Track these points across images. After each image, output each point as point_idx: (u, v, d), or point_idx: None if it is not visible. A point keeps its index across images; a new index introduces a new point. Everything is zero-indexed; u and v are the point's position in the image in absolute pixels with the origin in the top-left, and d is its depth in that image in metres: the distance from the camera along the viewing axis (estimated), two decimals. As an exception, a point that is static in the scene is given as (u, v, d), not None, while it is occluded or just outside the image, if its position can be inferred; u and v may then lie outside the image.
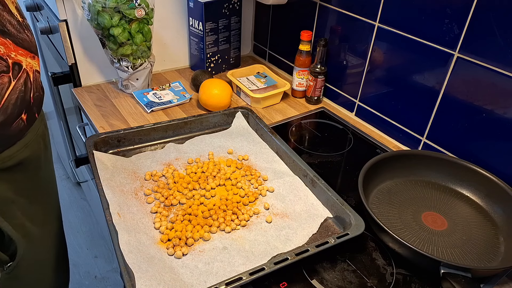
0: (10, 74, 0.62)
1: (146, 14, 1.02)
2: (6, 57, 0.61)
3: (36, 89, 0.70)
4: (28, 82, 0.67)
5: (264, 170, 0.88)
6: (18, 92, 0.64)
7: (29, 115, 0.68)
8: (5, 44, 0.61)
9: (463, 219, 0.78)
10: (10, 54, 0.62)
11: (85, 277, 1.64)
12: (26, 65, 0.66)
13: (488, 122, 0.81)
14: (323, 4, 1.10)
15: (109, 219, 0.69)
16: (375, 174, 0.82)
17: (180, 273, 0.64)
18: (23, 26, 0.67)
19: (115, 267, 1.69)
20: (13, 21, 0.64)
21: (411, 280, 0.68)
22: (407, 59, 0.93)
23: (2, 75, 0.61)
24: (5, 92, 0.61)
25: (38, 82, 0.71)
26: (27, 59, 0.66)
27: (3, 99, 0.61)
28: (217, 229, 0.73)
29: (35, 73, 0.69)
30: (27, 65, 0.66)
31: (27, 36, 0.67)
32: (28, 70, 0.66)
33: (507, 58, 0.75)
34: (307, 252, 0.65)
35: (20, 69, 0.64)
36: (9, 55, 0.62)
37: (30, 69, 0.67)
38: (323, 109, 1.14)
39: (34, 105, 0.70)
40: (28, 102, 0.67)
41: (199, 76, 1.16)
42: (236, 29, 1.27)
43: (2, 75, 0.61)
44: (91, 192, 1.68)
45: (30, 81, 0.67)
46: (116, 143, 0.90)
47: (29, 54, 0.67)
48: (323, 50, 1.08)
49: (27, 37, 0.67)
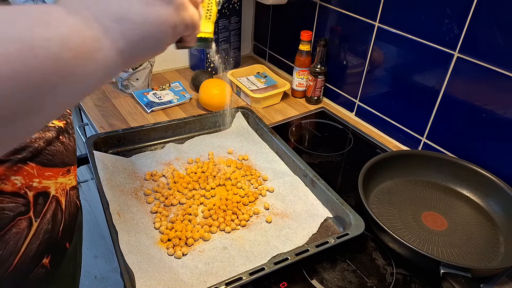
0: (31, 214, 0.47)
1: (146, 14, 1.02)
2: (25, 190, 0.46)
3: (69, 215, 0.54)
4: (59, 212, 0.51)
5: (264, 170, 0.88)
6: (42, 235, 0.48)
7: (54, 255, 0.51)
8: (25, 172, 0.46)
9: (463, 219, 0.78)
10: (32, 183, 0.47)
11: (85, 277, 1.64)
12: (56, 189, 0.51)
13: (488, 122, 0.81)
14: (323, 4, 1.10)
15: (109, 219, 0.68)
16: (375, 174, 0.82)
17: (180, 273, 0.64)
18: (59, 132, 0.52)
19: (115, 267, 1.69)
20: (49, 134, 0.50)
21: (411, 280, 0.68)
22: (407, 59, 0.93)
23: (19, 219, 0.45)
24: (21, 246, 0.46)
25: (74, 198, 0.56)
26: (57, 180, 0.51)
27: (18, 255, 0.45)
28: (217, 229, 0.73)
29: (69, 192, 0.54)
30: (58, 189, 0.51)
31: (62, 143, 0.52)
32: (58, 195, 0.51)
33: (507, 58, 0.75)
34: (307, 252, 0.65)
35: (47, 199, 0.49)
36: (29, 186, 0.46)
37: (62, 192, 0.52)
38: (323, 109, 1.14)
39: (64, 238, 0.53)
40: (56, 239, 0.51)
41: (199, 76, 1.16)
42: (236, 29, 1.27)
43: (19, 220, 0.45)
44: (91, 192, 1.68)
45: (62, 210, 0.52)
46: (116, 143, 0.90)
47: (61, 170, 0.52)
48: (323, 50, 1.08)
49: (60, 147, 0.52)
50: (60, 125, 0.54)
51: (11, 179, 0.44)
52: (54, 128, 0.52)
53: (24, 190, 0.46)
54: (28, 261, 0.47)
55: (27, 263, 0.47)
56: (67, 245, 0.55)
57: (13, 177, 0.44)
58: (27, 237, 0.46)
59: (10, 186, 0.44)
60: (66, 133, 0.55)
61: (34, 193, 0.47)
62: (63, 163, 0.53)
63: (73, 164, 0.55)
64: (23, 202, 0.45)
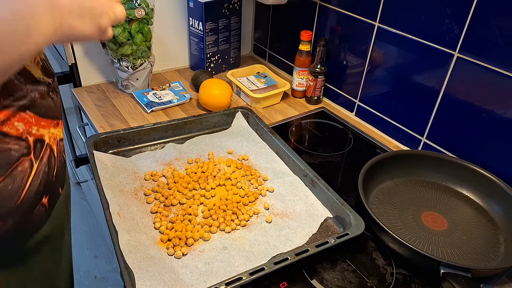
0: (32, 156, 0.54)
1: (146, 14, 1.02)
2: (26, 135, 0.53)
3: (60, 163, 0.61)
4: (52, 158, 0.58)
5: (264, 170, 0.88)
6: (41, 176, 0.56)
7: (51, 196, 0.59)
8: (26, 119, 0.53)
9: (463, 219, 0.78)
10: (31, 130, 0.54)
11: (85, 277, 1.64)
12: (49, 137, 0.58)
13: (488, 122, 0.81)
14: (323, 4, 1.10)
15: (109, 219, 0.68)
16: (375, 174, 0.82)
17: (180, 273, 0.64)
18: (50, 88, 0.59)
19: (115, 267, 1.69)
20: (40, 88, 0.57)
21: (411, 280, 0.68)
22: (407, 59, 0.93)
23: (22, 159, 0.52)
24: (26, 182, 0.53)
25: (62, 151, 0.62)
26: (50, 130, 0.58)
27: (24, 190, 0.53)
28: (217, 229, 0.73)
29: (59, 143, 0.61)
30: (50, 137, 0.58)
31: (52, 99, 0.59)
32: (51, 144, 0.58)
33: (507, 58, 0.75)
34: (307, 252, 0.65)
35: (43, 145, 0.56)
36: (29, 132, 0.53)
37: (53, 141, 0.59)
38: (323, 109, 1.14)
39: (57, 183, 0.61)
40: (51, 183, 0.59)
41: (199, 76, 1.16)
42: (236, 29, 1.27)
43: (22, 160, 0.52)
44: (91, 192, 1.68)
45: (54, 157, 0.59)
46: (116, 143, 0.90)
47: (53, 122, 0.59)
48: (323, 50, 1.08)
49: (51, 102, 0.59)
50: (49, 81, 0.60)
51: (14, 125, 0.51)
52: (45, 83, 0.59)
53: (26, 136, 0.53)
54: (32, 197, 0.54)
55: (31, 198, 0.54)
56: (60, 190, 0.63)
57: (16, 123, 0.51)
58: (30, 175, 0.53)
59: (15, 131, 0.51)
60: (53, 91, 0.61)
61: (33, 139, 0.54)
62: (53, 116, 0.60)
63: (60, 119, 0.62)
64: (25, 145, 0.52)
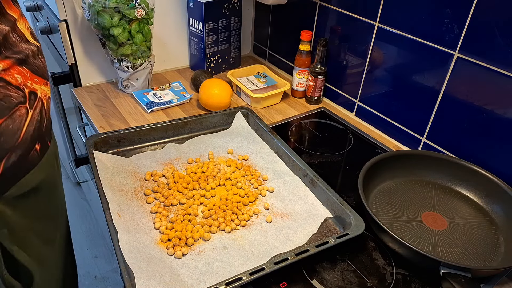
0: (27, 105, 0.60)
1: (146, 14, 1.02)
2: (23, 86, 0.60)
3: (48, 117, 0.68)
4: (43, 111, 0.65)
5: (264, 170, 0.88)
6: (35, 123, 0.62)
7: (42, 144, 0.66)
8: (22, 73, 0.60)
9: (463, 219, 0.78)
10: (27, 83, 0.61)
11: (85, 277, 1.64)
12: (41, 93, 0.64)
13: (488, 122, 0.81)
14: (323, 4, 1.10)
15: (109, 219, 0.69)
16: (375, 174, 0.82)
17: (180, 273, 0.64)
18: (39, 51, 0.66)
19: (115, 267, 1.69)
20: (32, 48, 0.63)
21: (411, 280, 0.68)
22: (407, 59, 0.93)
23: (20, 106, 0.59)
24: (23, 124, 0.59)
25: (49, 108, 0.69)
26: (41, 86, 0.65)
27: (23, 131, 0.59)
28: (217, 229, 0.73)
29: (48, 100, 0.68)
30: (42, 93, 0.65)
31: (41, 62, 0.66)
32: (42, 98, 0.65)
33: (507, 58, 0.75)
34: (307, 252, 0.65)
35: (36, 98, 0.63)
36: (25, 85, 0.60)
37: (44, 96, 0.65)
38: (323, 109, 1.14)
39: (46, 134, 0.68)
40: (42, 132, 0.65)
41: (199, 76, 1.16)
42: (236, 29, 1.27)
43: (20, 106, 0.59)
44: (91, 192, 1.68)
45: (45, 110, 0.66)
46: (116, 143, 0.90)
47: (43, 80, 0.66)
48: (323, 50, 1.08)
49: (41, 63, 0.66)
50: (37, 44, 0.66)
51: (14, 76, 0.58)
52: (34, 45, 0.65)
53: (22, 87, 0.60)
54: (28, 140, 0.61)
55: (28, 141, 0.61)
56: (48, 142, 0.69)
57: (16, 75, 0.59)
58: (26, 120, 0.60)
59: (15, 81, 0.58)
60: (41, 54, 0.67)
61: (28, 91, 0.61)
62: (43, 76, 0.66)
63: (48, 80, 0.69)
64: (22, 94, 0.60)
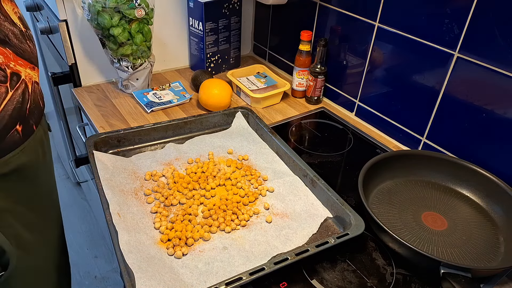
0: (8, 84, 0.61)
1: (146, 14, 1.02)
2: (5, 67, 0.61)
3: (33, 101, 0.68)
4: (26, 93, 0.66)
5: (264, 170, 0.88)
6: (15, 103, 0.63)
7: (25, 127, 0.66)
8: (5, 54, 0.61)
9: (463, 219, 0.78)
10: (9, 64, 0.62)
11: (85, 277, 1.64)
12: (25, 76, 0.65)
13: (488, 122, 0.81)
14: (323, 4, 1.10)
15: (109, 219, 0.69)
16: (375, 174, 0.82)
17: (180, 273, 0.64)
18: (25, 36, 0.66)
19: (115, 267, 1.69)
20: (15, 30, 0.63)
21: (411, 280, 0.68)
22: (407, 59, 0.93)
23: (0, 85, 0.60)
24: (1, 102, 0.60)
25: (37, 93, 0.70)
26: (26, 69, 0.65)
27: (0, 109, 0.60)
28: (217, 229, 0.73)
29: (34, 84, 0.68)
30: (26, 76, 0.65)
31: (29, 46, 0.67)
32: (27, 81, 0.66)
33: (507, 58, 0.75)
34: (307, 252, 0.65)
35: (19, 79, 0.63)
36: (7, 65, 0.61)
37: (29, 80, 0.66)
38: (323, 109, 1.14)
39: (31, 117, 0.68)
40: (24, 114, 0.66)
41: (199, 76, 1.16)
42: (236, 29, 1.27)
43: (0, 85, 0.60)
44: (91, 192, 1.68)
45: (28, 92, 0.66)
46: (116, 143, 0.90)
47: (29, 65, 0.66)
48: (323, 50, 1.08)
49: (28, 48, 0.66)
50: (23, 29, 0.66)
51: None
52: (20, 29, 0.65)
53: (4, 67, 0.60)
54: (6, 118, 0.61)
55: (5, 119, 0.61)
56: (33, 126, 0.69)
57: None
58: (4, 99, 0.60)
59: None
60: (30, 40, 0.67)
61: (10, 71, 0.61)
62: (30, 60, 0.66)
63: (37, 66, 0.69)
64: (3, 74, 0.60)
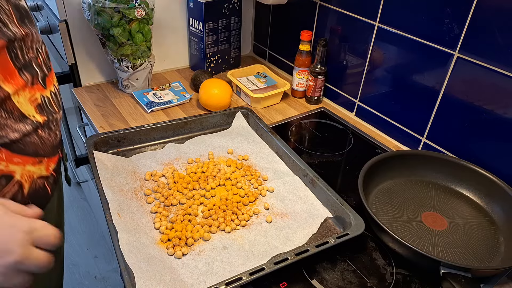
0: None
1: (146, 14, 1.02)
2: None
3: (32, 199, 0.58)
4: (19, 195, 0.56)
5: (264, 170, 0.88)
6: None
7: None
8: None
9: (463, 219, 0.78)
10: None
11: (85, 277, 1.64)
12: (22, 175, 0.56)
13: (488, 122, 0.81)
14: (323, 4, 1.10)
15: (109, 219, 0.68)
16: (375, 174, 0.82)
17: (180, 273, 0.64)
18: (39, 127, 0.57)
19: (115, 267, 1.69)
20: (23, 127, 0.55)
21: (411, 280, 0.68)
22: (407, 59, 0.93)
23: None
24: None
25: (39, 187, 0.59)
26: (26, 167, 0.56)
27: None
28: (217, 229, 0.73)
29: (37, 180, 0.58)
30: (23, 175, 0.56)
31: (40, 137, 0.57)
32: (23, 181, 0.56)
33: (507, 58, 0.75)
34: (307, 252, 0.65)
35: (8, 181, 0.54)
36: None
37: (27, 178, 0.57)
38: (323, 109, 1.14)
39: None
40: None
41: (199, 76, 1.16)
42: (236, 29, 1.27)
43: None
44: (91, 192, 1.68)
45: (23, 193, 0.56)
46: (116, 143, 0.90)
47: (33, 159, 0.57)
48: (323, 50, 1.08)
49: (37, 139, 0.57)
50: (39, 120, 0.57)
51: None
52: (32, 122, 0.56)
53: None
54: None
55: None
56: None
57: None
58: None
59: None
60: (46, 128, 0.59)
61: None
62: (36, 153, 0.57)
63: (47, 156, 0.58)
64: None
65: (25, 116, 0.56)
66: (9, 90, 0.53)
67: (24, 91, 0.55)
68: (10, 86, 0.53)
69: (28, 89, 0.56)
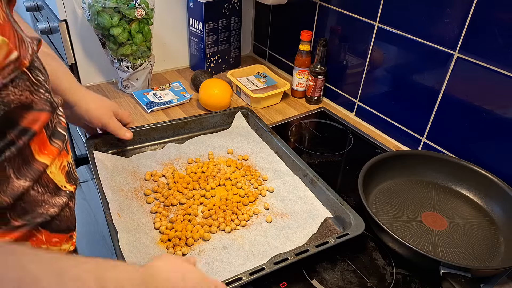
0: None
1: (146, 14, 1.02)
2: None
3: None
4: None
5: (264, 170, 0.88)
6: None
7: None
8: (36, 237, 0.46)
9: (463, 219, 0.78)
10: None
11: (85, 277, 1.64)
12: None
13: (488, 122, 0.81)
14: (323, 4, 1.10)
15: (109, 219, 0.68)
16: (375, 174, 0.82)
17: (180, 273, 0.64)
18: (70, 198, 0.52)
19: (115, 267, 1.68)
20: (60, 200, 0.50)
21: (411, 280, 0.68)
22: (407, 59, 0.93)
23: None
24: None
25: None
26: (62, 246, 0.52)
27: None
28: (217, 229, 0.73)
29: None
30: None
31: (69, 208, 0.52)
32: None
33: (507, 58, 0.75)
34: (307, 252, 0.65)
35: None
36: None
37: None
38: (323, 109, 1.14)
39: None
40: None
41: (199, 76, 1.16)
42: (236, 29, 1.27)
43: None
44: (91, 192, 1.68)
45: None
46: (116, 143, 0.90)
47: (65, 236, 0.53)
48: (323, 50, 1.08)
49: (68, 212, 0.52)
50: (71, 189, 0.53)
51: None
52: (66, 193, 0.52)
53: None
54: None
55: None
56: None
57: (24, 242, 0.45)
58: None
59: None
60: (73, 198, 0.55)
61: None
62: (68, 228, 0.53)
63: (74, 230, 0.55)
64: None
65: (59, 188, 0.51)
66: (46, 161, 0.48)
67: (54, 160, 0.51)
68: (46, 157, 0.48)
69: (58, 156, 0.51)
